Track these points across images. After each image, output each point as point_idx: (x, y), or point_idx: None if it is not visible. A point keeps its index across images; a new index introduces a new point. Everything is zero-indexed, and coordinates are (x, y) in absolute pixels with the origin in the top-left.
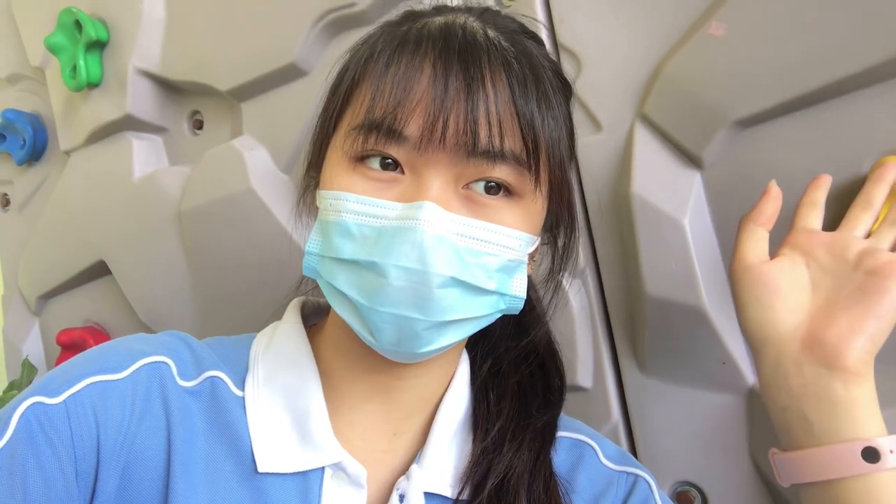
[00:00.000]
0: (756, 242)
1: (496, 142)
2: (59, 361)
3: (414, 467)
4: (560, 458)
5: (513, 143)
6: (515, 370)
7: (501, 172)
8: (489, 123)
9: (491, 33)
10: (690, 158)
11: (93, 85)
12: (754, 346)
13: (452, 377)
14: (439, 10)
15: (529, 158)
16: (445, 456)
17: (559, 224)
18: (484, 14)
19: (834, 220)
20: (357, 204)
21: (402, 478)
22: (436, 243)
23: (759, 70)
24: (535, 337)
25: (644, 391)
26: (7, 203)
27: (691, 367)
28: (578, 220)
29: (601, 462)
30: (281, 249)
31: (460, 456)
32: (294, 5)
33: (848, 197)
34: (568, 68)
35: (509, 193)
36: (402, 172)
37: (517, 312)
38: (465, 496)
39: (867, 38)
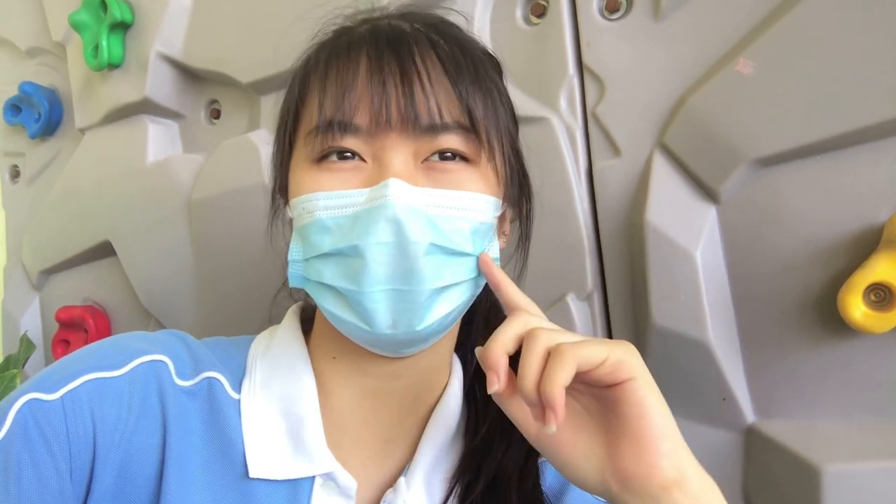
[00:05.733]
0: (513, 408)
1: (436, 116)
2: (56, 338)
3: (401, 480)
4: (549, 481)
5: (452, 113)
6: None
7: (450, 141)
8: (427, 100)
9: (416, 25)
10: (707, 192)
11: (113, 66)
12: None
13: (446, 385)
14: (365, 20)
15: (472, 123)
16: (435, 467)
17: (521, 195)
18: (405, 14)
19: (847, 270)
20: (327, 200)
21: (390, 490)
22: (409, 214)
23: (783, 111)
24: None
25: None
26: (17, 175)
27: (691, 401)
28: (531, 186)
29: None
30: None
31: (449, 465)
32: (322, 5)
33: (864, 246)
34: (591, 91)
35: (465, 160)
36: (364, 161)
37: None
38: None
39: (893, 90)
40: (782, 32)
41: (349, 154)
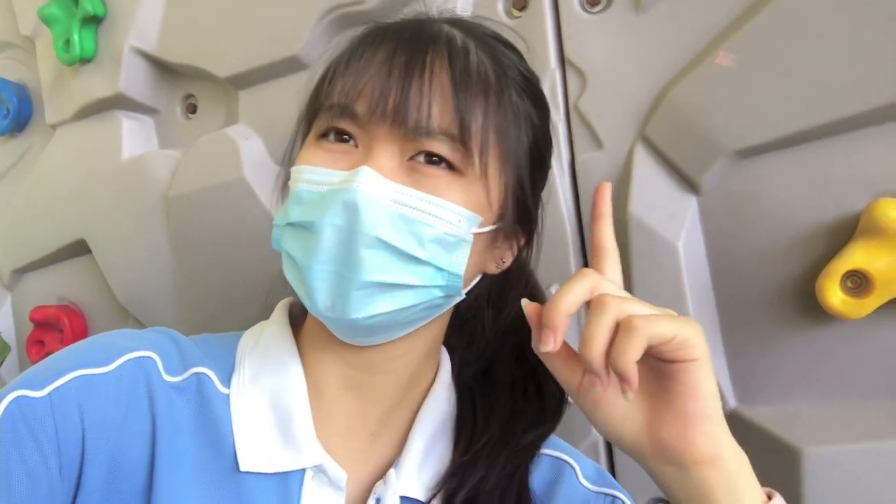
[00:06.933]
0: (558, 364)
1: (424, 118)
2: (30, 339)
3: (391, 472)
4: (539, 477)
5: (442, 120)
6: (510, 388)
7: (434, 146)
8: (420, 100)
9: (449, 29)
10: (688, 183)
11: (85, 60)
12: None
13: (433, 381)
14: (415, 17)
15: (463, 136)
16: (425, 461)
17: (519, 230)
18: (456, 20)
19: (825, 257)
20: (309, 174)
21: (380, 482)
22: (367, 205)
23: (763, 103)
24: (533, 356)
25: None
26: None
27: None
28: (536, 227)
29: (580, 482)
30: (269, 242)
31: (440, 463)
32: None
33: (842, 235)
34: (573, 84)
35: (451, 168)
36: (357, 147)
37: (457, 294)
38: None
39: (870, 81)
40: (762, 25)
41: (346, 137)
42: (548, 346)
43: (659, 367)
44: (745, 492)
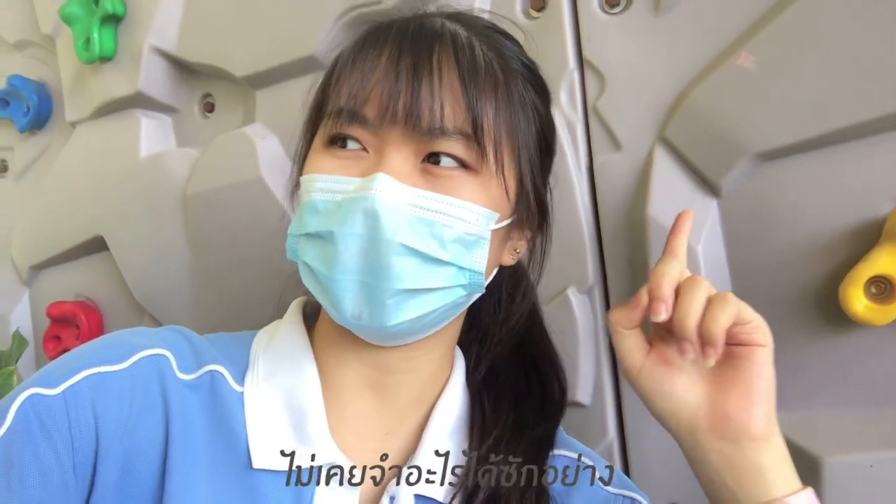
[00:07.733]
0: (630, 342)
1: (437, 119)
2: (47, 335)
3: (405, 470)
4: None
5: (456, 118)
6: (513, 380)
7: (448, 146)
8: (431, 101)
9: (450, 25)
10: (708, 185)
11: (105, 59)
12: (671, 432)
13: (447, 380)
14: (415, 16)
15: (475, 132)
16: (438, 460)
17: (532, 220)
18: (455, 14)
19: (848, 263)
20: (322, 183)
21: (393, 482)
22: (387, 211)
23: (785, 105)
24: (533, 348)
25: (642, 411)
26: (5, 169)
27: None
28: (548, 214)
29: (599, 484)
30: (285, 240)
31: (454, 461)
32: None
33: (865, 240)
34: (592, 85)
35: (465, 167)
36: (367, 151)
37: (479, 290)
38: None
39: (894, 83)
40: (784, 26)
41: (354, 142)
42: (660, 314)
43: (729, 350)
44: (790, 473)
